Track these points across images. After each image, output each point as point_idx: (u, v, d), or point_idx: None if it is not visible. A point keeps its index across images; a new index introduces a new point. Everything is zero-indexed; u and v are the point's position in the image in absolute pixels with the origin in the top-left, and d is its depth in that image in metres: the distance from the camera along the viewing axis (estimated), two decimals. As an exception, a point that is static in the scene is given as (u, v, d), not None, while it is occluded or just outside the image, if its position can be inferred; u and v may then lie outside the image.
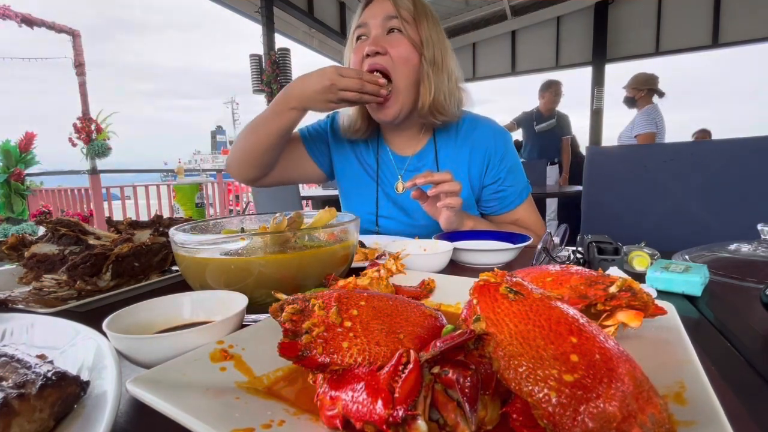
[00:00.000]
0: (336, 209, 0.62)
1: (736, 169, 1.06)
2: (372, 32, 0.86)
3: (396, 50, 0.84)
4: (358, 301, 0.30)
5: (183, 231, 0.51)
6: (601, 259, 0.63)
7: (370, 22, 0.86)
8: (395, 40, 0.85)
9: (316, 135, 1.08)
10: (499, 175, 0.97)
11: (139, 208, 4.28)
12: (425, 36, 0.87)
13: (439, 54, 0.89)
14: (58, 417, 0.27)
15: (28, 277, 0.57)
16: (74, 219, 0.67)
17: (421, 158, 1.01)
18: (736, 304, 0.51)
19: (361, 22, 0.88)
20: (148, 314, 0.41)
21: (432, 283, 0.51)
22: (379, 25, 0.85)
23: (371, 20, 0.86)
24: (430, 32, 0.88)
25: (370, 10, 0.88)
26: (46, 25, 4.25)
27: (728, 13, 5.32)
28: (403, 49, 0.85)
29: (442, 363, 0.24)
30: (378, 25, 0.85)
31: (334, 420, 0.24)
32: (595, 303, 0.34)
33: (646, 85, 3.27)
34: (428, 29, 0.88)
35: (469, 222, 0.89)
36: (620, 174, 1.23)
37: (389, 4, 0.86)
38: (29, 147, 4.40)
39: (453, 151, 0.99)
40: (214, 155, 61.12)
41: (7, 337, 0.40)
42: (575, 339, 0.23)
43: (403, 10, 0.85)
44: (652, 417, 0.20)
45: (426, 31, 0.87)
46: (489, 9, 6.49)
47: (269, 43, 4.74)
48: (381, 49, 0.83)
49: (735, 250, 0.67)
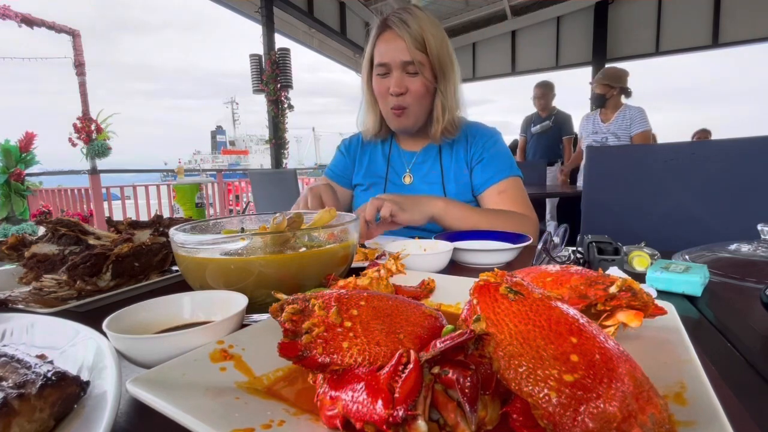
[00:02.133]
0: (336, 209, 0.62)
1: (736, 169, 1.06)
2: (394, 73, 1.00)
3: (414, 87, 1.00)
4: (358, 301, 0.30)
5: (183, 231, 0.51)
6: (601, 259, 0.63)
7: (390, 63, 1.00)
8: (413, 81, 1.00)
9: (341, 166, 1.24)
10: (484, 155, 1.09)
11: (139, 208, 4.28)
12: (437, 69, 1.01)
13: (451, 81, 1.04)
14: (58, 417, 0.27)
15: (28, 277, 0.57)
16: (74, 219, 0.67)
17: (426, 152, 1.14)
18: (736, 304, 0.51)
19: (382, 62, 1.00)
20: (148, 314, 0.41)
21: (432, 283, 0.51)
22: (399, 68, 0.99)
23: (391, 61, 0.99)
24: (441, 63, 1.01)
25: (387, 46, 1.00)
26: (46, 25, 4.25)
27: (728, 13, 5.32)
28: (419, 87, 1.01)
29: (442, 363, 0.24)
30: (398, 67, 0.99)
31: (334, 420, 0.24)
32: (595, 303, 0.34)
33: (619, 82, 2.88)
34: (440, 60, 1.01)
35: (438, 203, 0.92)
36: (620, 174, 1.23)
37: (403, 44, 0.97)
38: (29, 147, 4.39)
39: (452, 147, 1.12)
40: (214, 155, 61.14)
41: (7, 337, 0.40)
42: (575, 339, 0.23)
43: (417, 53, 0.98)
44: (653, 417, 0.20)
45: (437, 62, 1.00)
46: (489, 9, 6.49)
47: (269, 43, 4.74)
48: (403, 90, 1.00)
49: (735, 250, 0.67)
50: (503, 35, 6.91)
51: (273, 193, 2.93)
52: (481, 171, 1.08)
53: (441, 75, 1.02)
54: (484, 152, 1.09)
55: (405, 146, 1.18)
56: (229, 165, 54.02)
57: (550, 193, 2.77)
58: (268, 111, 4.93)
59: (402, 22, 0.98)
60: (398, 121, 1.05)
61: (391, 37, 0.99)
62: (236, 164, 55.74)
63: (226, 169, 14.79)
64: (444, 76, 1.02)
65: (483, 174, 1.08)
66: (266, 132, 5.20)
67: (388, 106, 1.03)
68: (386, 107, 1.04)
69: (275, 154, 5.10)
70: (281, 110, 4.94)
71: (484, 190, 1.07)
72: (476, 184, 1.09)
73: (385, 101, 1.04)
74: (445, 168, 1.11)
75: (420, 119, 1.07)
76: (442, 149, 1.12)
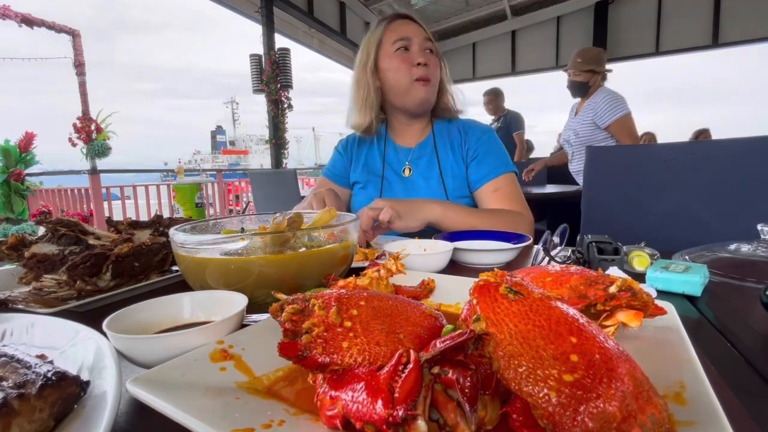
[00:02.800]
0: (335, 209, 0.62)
1: (736, 169, 1.06)
2: (414, 47, 1.07)
3: (432, 63, 1.08)
4: (358, 301, 0.30)
5: (183, 231, 0.51)
6: (601, 259, 0.63)
7: (413, 39, 1.07)
8: (431, 57, 1.08)
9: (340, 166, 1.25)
10: (478, 151, 1.12)
11: (139, 208, 4.28)
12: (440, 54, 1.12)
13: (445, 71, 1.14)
14: (58, 417, 0.27)
15: (28, 277, 0.57)
16: (74, 219, 0.67)
17: (422, 148, 1.17)
18: (736, 304, 0.51)
19: (404, 36, 1.07)
20: (148, 314, 0.41)
21: (432, 283, 0.51)
22: (420, 44, 1.07)
23: (414, 38, 1.07)
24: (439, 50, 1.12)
25: (405, 27, 1.08)
26: (46, 25, 4.25)
27: (728, 13, 5.32)
28: (435, 63, 1.09)
29: (442, 363, 0.24)
30: (419, 43, 1.07)
31: (334, 420, 0.24)
32: (595, 303, 0.34)
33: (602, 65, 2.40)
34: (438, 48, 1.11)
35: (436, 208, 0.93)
36: (620, 174, 1.23)
37: (418, 26, 1.08)
38: (29, 147, 4.39)
39: (447, 141, 1.15)
40: (214, 155, 61.16)
41: (7, 337, 0.40)
42: (575, 339, 0.23)
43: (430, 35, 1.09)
44: (652, 417, 0.20)
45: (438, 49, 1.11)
46: (489, 9, 6.48)
47: (269, 43, 4.74)
48: (427, 61, 1.07)
49: (735, 250, 0.67)
50: (503, 35, 6.91)
51: (273, 193, 2.93)
52: (476, 167, 1.10)
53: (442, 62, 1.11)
54: (478, 148, 1.11)
55: (400, 142, 1.20)
56: (229, 165, 54.06)
57: (549, 193, 2.76)
58: (268, 111, 4.93)
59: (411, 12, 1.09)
60: (425, 90, 1.07)
61: (405, 22, 1.08)
62: (236, 164, 55.77)
63: (226, 169, 14.79)
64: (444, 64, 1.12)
65: (478, 171, 1.09)
66: (266, 132, 5.20)
67: (412, 77, 1.05)
68: (409, 79, 1.06)
69: (275, 154, 5.10)
70: (281, 110, 4.94)
71: (480, 187, 1.09)
72: (472, 180, 1.11)
73: (409, 73, 1.06)
74: (442, 161, 1.13)
75: (434, 97, 1.11)
76: (437, 144, 1.14)
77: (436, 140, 1.15)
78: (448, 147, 1.14)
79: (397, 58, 1.07)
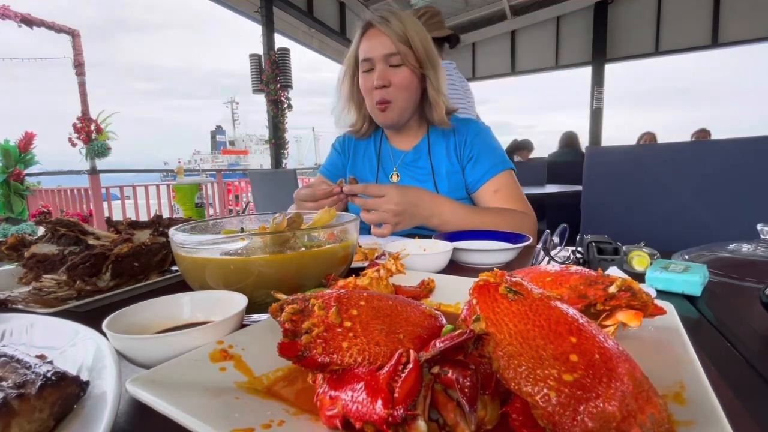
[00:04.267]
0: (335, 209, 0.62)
1: (736, 169, 1.06)
2: (377, 66, 1.01)
3: (397, 79, 1.01)
4: (358, 301, 0.30)
5: (183, 231, 0.51)
6: (601, 259, 0.63)
7: (374, 58, 1.00)
8: (397, 72, 1.01)
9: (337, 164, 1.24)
10: (474, 151, 1.08)
11: (139, 208, 4.27)
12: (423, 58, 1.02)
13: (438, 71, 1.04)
14: (57, 417, 0.27)
15: (28, 277, 0.57)
16: (74, 219, 0.67)
17: (416, 152, 1.14)
18: (736, 304, 0.51)
19: (366, 57, 1.02)
20: (148, 314, 0.41)
21: (432, 283, 0.51)
22: (382, 60, 1.00)
23: (374, 55, 1.00)
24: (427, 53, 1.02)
25: (370, 42, 1.01)
26: (46, 25, 4.25)
27: (728, 13, 5.32)
28: (404, 77, 1.01)
29: (441, 363, 0.24)
30: (381, 60, 1.00)
31: (334, 420, 0.24)
32: (595, 303, 0.34)
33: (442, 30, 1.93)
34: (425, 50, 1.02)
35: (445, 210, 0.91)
36: (620, 174, 1.23)
37: (386, 39, 0.99)
38: (29, 147, 4.40)
39: (442, 145, 1.11)
40: (213, 155, 61.12)
41: (6, 337, 0.40)
42: (575, 339, 0.23)
43: (400, 45, 0.99)
44: (652, 417, 0.20)
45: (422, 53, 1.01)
46: (489, 9, 6.49)
47: (269, 43, 4.74)
48: (386, 83, 1.01)
49: (735, 250, 0.67)
50: (503, 35, 6.92)
51: (273, 193, 2.92)
52: (472, 168, 1.07)
53: (428, 63, 1.02)
54: (473, 148, 1.08)
55: (395, 144, 1.18)
56: (228, 165, 54.02)
57: (551, 193, 2.76)
58: (267, 111, 4.94)
59: (383, 19, 1.00)
60: (383, 116, 1.05)
61: (374, 34, 1.01)
62: (236, 164, 55.74)
63: (225, 169, 14.77)
64: (431, 63, 1.02)
65: (475, 171, 1.06)
66: (266, 132, 5.20)
67: (373, 101, 1.03)
68: (371, 103, 1.04)
69: (275, 154, 5.10)
70: (281, 110, 4.95)
71: (479, 188, 1.06)
72: (470, 182, 1.08)
73: (371, 97, 1.04)
74: (435, 166, 1.10)
75: (405, 113, 1.06)
76: (431, 147, 1.11)
77: (431, 144, 1.12)
78: (443, 150, 1.11)
79: (364, 80, 1.04)
